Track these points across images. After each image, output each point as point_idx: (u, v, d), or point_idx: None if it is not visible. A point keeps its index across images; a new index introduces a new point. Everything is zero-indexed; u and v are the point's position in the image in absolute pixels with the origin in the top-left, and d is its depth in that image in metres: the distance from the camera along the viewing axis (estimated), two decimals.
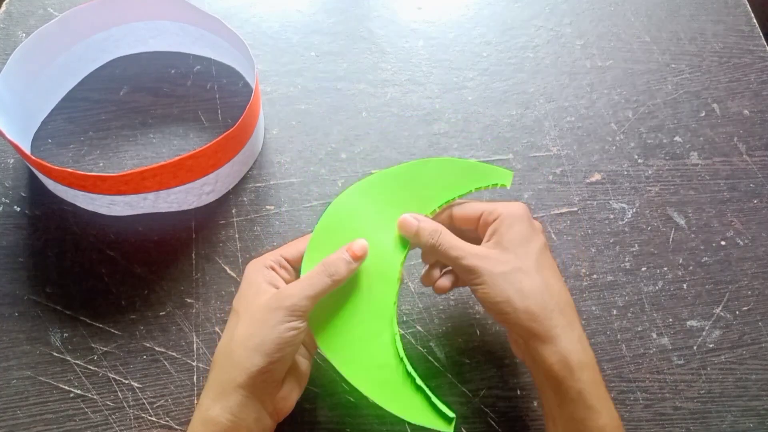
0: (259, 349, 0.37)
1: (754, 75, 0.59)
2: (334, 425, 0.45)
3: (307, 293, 0.38)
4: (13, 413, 0.44)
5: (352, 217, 0.42)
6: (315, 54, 0.57)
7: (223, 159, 0.47)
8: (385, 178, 0.42)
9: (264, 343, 0.37)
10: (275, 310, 0.37)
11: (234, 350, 0.37)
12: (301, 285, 0.38)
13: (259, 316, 0.37)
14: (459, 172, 0.43)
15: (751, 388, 0.48)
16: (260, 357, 0.37)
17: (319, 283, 0.39)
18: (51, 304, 0.47)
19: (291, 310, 0.37)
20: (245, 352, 0.37)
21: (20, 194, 0.50)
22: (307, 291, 0.38)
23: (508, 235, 0.39)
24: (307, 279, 0.39)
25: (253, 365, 0.36)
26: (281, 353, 0.37)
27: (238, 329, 0.38)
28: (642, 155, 0.55)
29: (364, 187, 0.42)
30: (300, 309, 0.38)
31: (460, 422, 0.46)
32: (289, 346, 0.37)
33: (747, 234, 0.53)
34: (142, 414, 0.45)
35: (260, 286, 0.39)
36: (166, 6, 0.51)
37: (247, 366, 0.36)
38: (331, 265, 0.39)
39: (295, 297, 0.38)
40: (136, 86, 0.55)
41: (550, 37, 0.60)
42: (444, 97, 0.56)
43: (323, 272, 0.39)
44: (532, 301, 0.37)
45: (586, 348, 0.38)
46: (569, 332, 0.37)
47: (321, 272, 0.39)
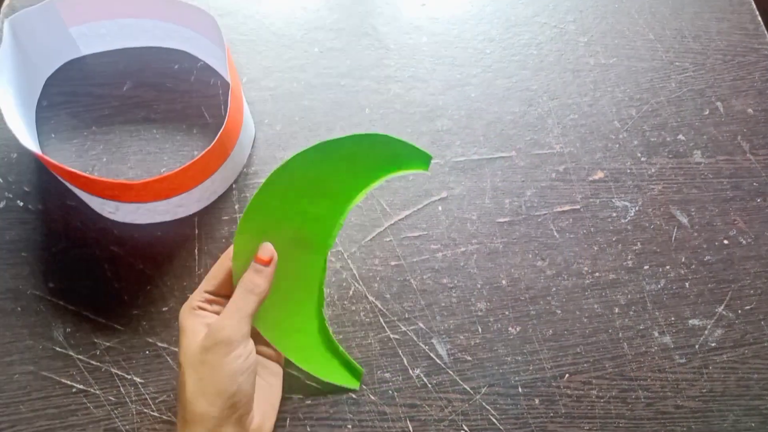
0: (213, 391, 0.36)
1: (758, 73, 0.59)
2: (335, 421, 0.45)
3: (238, 317, 0.38)
4: (16, 408, 0.45)
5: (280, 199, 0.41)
6: (318, 50, 0.57)
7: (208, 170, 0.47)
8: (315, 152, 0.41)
9: (216, 383, 0.36)
10: (213, 348, 0.37)
11: (191, 401, 0.36)
12: (229, 312, 0.38)
13: (199, 359, 0.37)
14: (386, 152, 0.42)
15: (753, 387, 0.48)
16: (218, 397, 0.36)
17: (246, 302, 0.38)
18: (54, 299, 0.47)
19: (228, 341, 0.37)
20: (203, 399, 0.36)
21: (23, 189, 0.51)
22: (237, 315, 0.38)
23: None
24: (233, 304, 0.38)
25: (215, 407, 0.36)
26: (237, 385, 0.37)
27: (187, 381, 0.37)
28: (645, 153, 0.55)
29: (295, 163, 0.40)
30: (238, 334, 0.37)
31: (461, 419, 0.46)
32: (242, 375, 0.37)
33: (750, 233, 0.53)
34: (145, 409, 0.45)
35: (194, 330, 0.38)
36: (155, 4, 0.51)
37: (210, 411, 0.36)
38: (249, 282, 0.39)
39: (228, 327, 0.37)
40: (140, 81, 0.55)
41: (554, 34, 0.59)
42: (447, 93, 0.56)
43: (245, 291, 0.39)
44: None
45: None
46: None
47: (242, 292, 0.39)
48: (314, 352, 0.45)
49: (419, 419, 0.46)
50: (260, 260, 0.40)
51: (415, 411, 0.46)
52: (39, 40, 0.51)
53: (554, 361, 0.48)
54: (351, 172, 0.42)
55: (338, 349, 0.46)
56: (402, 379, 0.47)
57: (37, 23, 0.49)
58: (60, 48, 0.53)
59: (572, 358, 0.48)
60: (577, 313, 0.49)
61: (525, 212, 0.52)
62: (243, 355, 0.37)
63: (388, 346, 0.48)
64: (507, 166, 0.54)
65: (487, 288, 0.49)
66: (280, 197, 0.41)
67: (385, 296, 0.49)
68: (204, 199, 0.50)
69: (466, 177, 0.53)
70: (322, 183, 0.42)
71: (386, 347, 0.48)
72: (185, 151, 0.52)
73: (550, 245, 0.51)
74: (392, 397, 0.46)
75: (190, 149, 0.52)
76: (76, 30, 0.52)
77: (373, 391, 0.46)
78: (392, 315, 0.48)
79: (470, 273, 0.50)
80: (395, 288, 0.49)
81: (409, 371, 0.47)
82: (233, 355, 0.37)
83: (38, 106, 0.54)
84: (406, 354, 0.47)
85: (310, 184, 0.41)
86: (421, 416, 0.46)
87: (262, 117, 0.54)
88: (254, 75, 0.56)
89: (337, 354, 0.46)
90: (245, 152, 0.52)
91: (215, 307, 0.40)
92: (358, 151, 0.41)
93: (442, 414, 0.46)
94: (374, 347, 0.48)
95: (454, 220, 0.51)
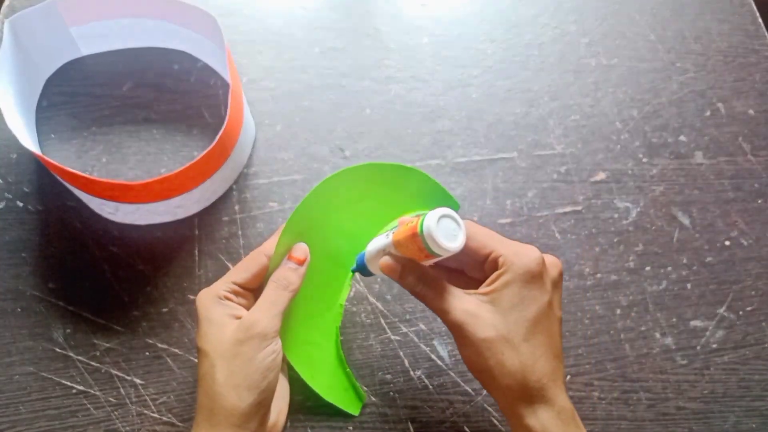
0: (244, 384, 0.36)
1: (759, 74, 0.59)
2: (335, 422, 0.45)
3: (273, 313, 0.37)
4: (16, 409, 0.44)
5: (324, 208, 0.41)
6: (319, 50, 0.57)
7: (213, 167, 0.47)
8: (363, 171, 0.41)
9: (248, 377, 0.36)
10: (247, 341, 0.36)
11: (219, 393, 0.36)
12: (264, 306, 0.38)
13: (232, 351, 0.36)
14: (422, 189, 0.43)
15: (754, 388, 0.48)
16: (248, 392, 0.36)
17: (280, 298, 0.38)
18: (54, 300, 0.47)
19: (263, 335, 0.36)
20: (234, 392, 0.36)
21: (23, 190, 0.50)
22: (272, 310, 0.38)
23: (506, 292, 0.35)
24: (267, 299, 0.38)
25: (244, 402, 0.36)
26: (267, 381, 0.36)
27: (216, 371, 0.36)
28: (647, 154, 0.55)
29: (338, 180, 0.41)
30: (272, 330, 0.37)
31: (462, 421, 0.46)
32: (272, 371, 0.37)
33: (751, 234, 0.53)
34: (145, 410, 0.45)
35: (221, 321, 0.38)
36: (155, 4, 0.51)
37: (239, 406, 0.35)
38: (283, 279, 0.39)
39: (263, 321, 0.37)
40: (140, 82, 0.54)
41: (555, 35, 0.59)
42: (448, 94, 0.56)
43: (278, 287, 0.39)
44: (512, 379, 0.35)
45: (568, 420, 0.36)
46: (549, 408, 0.35)
47: (276, 287, 0.39)
48: (322, 368, 0.44)
49: (420, 421, 0.46)
50: (295, 259, 0.40)
51: (416, 413, 0.46)
52: (39, 41, 0.51)
53: None
54: (389, 199, 0.42)
55: (346, 369, 0.45)
56: (403, 381, 0.47)
57: (37, 23, 0.49)
58: (60, 48, 0.53)
59: (574, 359, 0.48)
60: (579, 315, 0.49)
61: (526, 213, 0.52)
62: (275, 352, 0.37)
63: (389, 347, 0.48)
64: (508, 167, 0.54)
65: None
66: (324, 206, 0.41)
67: (386, 297, 0.49)
68: (204, 200, 0.50)
69: (467, 178, 0.53)
70: (362, 202, 0.42)
71: (387, 349, 0.47)
72: (185, 152, 0.52)
73: (551, 246, 0.51)
74: (393, 399, 0.46)
75: (190, 150, 0.52)
76: (76, 30, 0.52)
77: (375, 392, 0.46)
78: (393, 316, 0.48)
79: None
80: (396, 289, 0.49)
81: (410, 373, 0.47)
82: (267, 351, 0.37)
83: (38, 106, 0.53)
84: (408, 355, 0.47)
85: (352, 200, 0.42)
86: (423, 418, 0.46)
87: (262, 117, 0.54)
88: (254, 75, 0.56)
89: (345, 375, 0.45)
90: (245, 153, 0.52)
91: (241, 300, 0.39)
92: (400, 181, 0.42)
93: (443, 416, 0.46)
94: (375, 348, 0.47)
95: None
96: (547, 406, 0.35)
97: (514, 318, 0.35)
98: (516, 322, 0.35)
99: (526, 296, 0.35)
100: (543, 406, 0.35)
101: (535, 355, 0.35)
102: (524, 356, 0.35)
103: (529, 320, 0.35)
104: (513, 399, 0.35)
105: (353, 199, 0.42)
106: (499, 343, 0.35)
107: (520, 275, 0.35)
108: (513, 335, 0.35)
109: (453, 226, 0.35)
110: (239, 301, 0.39)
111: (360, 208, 0.42)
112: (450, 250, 0.34)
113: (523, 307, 0.35)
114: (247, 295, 0.40)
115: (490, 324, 0.35)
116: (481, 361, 0.35)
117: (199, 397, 0.37)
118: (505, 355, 0.35)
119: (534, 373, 0.35)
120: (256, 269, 0.40)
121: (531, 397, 0.35)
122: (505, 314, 0.35)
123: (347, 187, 0.41)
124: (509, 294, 0.35)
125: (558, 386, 0.36)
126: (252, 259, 0.40)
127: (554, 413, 0.35)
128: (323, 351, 0.44)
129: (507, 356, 0.35)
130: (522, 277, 0.35)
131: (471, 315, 0.35)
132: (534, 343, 0.35)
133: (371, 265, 0.40)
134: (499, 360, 0.35)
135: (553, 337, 0.37)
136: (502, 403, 0.37)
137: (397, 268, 0.38)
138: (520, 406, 0.35)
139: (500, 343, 0.35)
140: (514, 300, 0.35)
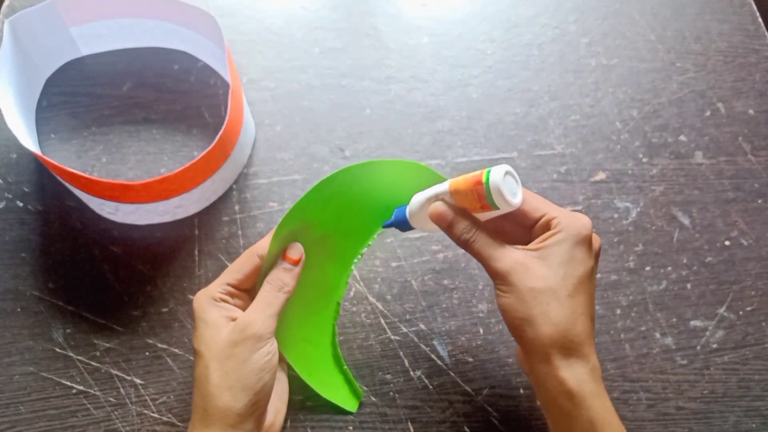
0: (239, 385, 0.36)
1: (759, 74, 0.59)
2: (335, 423, 0.45)
3: (267, 314, 0.38)
4: (16, 409, 0.44)
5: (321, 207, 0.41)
6: (319, 50, 0.57)
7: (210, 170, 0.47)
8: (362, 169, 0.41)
9: (242, 378, 0.36)
10: (241, 343, 0.36)
11: (214, 393, 0.36)
12: (258, 308, 0.38)
13: (226, 353, 0.37)
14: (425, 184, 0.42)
15: (754, 388, 0.48)
16: (243, 393, 0.36)
17: (275, 299, 0.38)
18: (54, 300, 0.47)
19: (257, 336, 0.37)
20: (228, 393, 0.36)
21: (23, 189, 0.50)
22: (267, 311, 0.38)
23: (557, 249, 0.36)
24: (262, 300, 0.38)
25: (239, 402, 0.36)
26: (262, 382, 0.37)
27: (210, 372, 0.36)
28: (647, 154, 0.55)
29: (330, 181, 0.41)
30: (267, 331, 0.37)
31: (462, 421, 0.46)
32: (267, 372, 0.37)
33: (751, 234, 0.53)
34: (145, 410, 0.45)
35: (217, 322, 0.38)
36: (155, 4, 0.51)
37: (234, 406, 0.36)
38: (278, 280, 0.39)
39: (258, 322, 0.37)
40: (139, 82, 0.54)
41: (555, 34, 0.59)
42: (448, 94, 0.56)
43: (273, 288, 0.39)
44: (554, 329, 0.35)
45: (598, 378, 0.36)
46: (584, 363, 0.36)
47: (271, 289, 0.39)
48: (320, 365, 0.45)
49: (420, 421, 0.46)
50: (290, 259, 0.40)
51: (416, 413, 0.46)
52: (39, 41, 0.51)
53: None
54: (389, 195, 0.42)
55: (344, 366, 0.45)
56: (403, 381, 0.47)
57: (37, 23, 0.49)
58: (60, 48, 0.53)
59: None
60: None
61: None
62: (271, 353, 0.37)
63: (389, 347, 0.48)
64: None
65: (488, 289, 0.49)
66: (321, 205, 0.41)
67: (386, 297, 0.49)
68: (204, 200, 0.50)
69: None
70: (362, 199, 0.42)
71: (387, 349, 0.47)
72: (185, 152, 0.52)
73: None
74: (393, 399, 0.46)
75: (190, 150, 0.52)
76: (76, 30, 0.52)
77: (374, 392, 0.46)
78: (393, 316, 0.48)
79: (471, 274, 0.50)
80: (396, 289, 0.49)
81: (410, 373, 0.47)
82: (262, 352, 0.37)
83: (38, 106, 0.53)
84: (408, 355, 0.47)
85: (351, 198, 0.42)
86: (423, 418, 0.46)
87: (262, 117, 0.54)
88: (254, 75, 0.56)
89: (342, 372, 0.45)
90: (245, 153, 0.52)
91: (236, 301, 0.40)
92: (401, 176, 0.42)
93: (443, 416, 0.46)
94: (375, 348, 0.47)
95: None
96: (583, 361, 0.36)
97: (563, 273, 0.36)
98: (564, 278, 0.36)
99: (575, 256, 0.36)
100: (579, 361, 0.36)
101: (577, 311, 0.36)
102: (568, 310, 0.36)
103: (576, 278, 0.36)
104: (550, 349, 0.36)
105: (352, 197, 0.42)
106: (546, 294, 0.35)
107: (572, 236, 0.36)
108: (560, 289, 0.36)
109: (513, 183, 0.36)
110: (235, 302, 0.40)
111: (360, 205, 0.42)
112: (512, 204, 0.35)
113: (572, 265, 0.36)
114: (243, 296, 0.40)
115: (540, 275, 0.36)
116: (524, 309, 0.36)
117: (195, 398, 0.37)
118: (551, 306, 0.35)
119: (575, 327, 0.36)
120: (249, 269, 0.40)
121: (568, 351, 0.36)
122: (554, 269, 0.36)
123: (346, 185, 0.41)
124: (560, 251, 0.36)
125: (592, 345, 0.37)
126: (245, 259, 0.40)
127: (588, 369, 0.36)
128: (320, 349, 0.44)
129: (552, 307, 0.35)
130: (574, 238, 0.36)
131: (521, 264, 0.36)
132: (578, 301, 0.36)
133: (414, 217, 0.39)
134: (544, 310, 0.35)
135: (592, 300, 0.38)
136: (537, 352, 0.36)
137: (448, 215, 0.38)
138: (557, 357, 0.36)
139: (548, 294, 0.35)
140: (564, 257, 0.36)
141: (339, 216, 0.42)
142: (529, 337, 0.36)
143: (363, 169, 0.41)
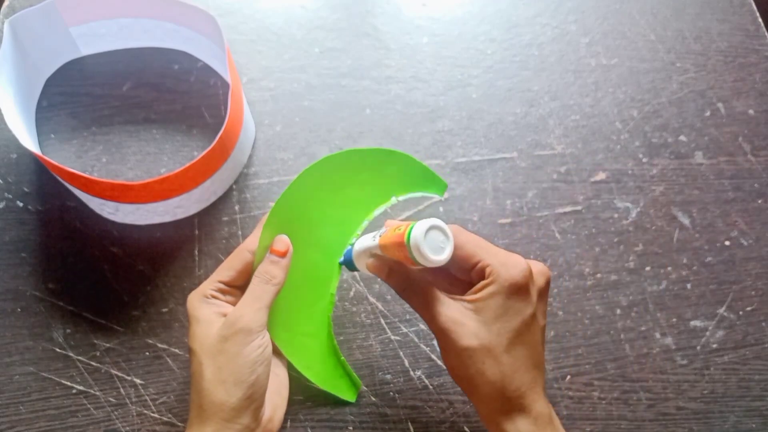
0: (231, 380, 0.36)
1: (759, 74, 0.59)
2: (335, 423, 0.45)
3: (256, 307, 0.38)
4: (16, 409, 0.44)
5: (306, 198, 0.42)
6: (318, 50, 0.57)
7: (213, 168, 0.47)
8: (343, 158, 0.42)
9: (234, 372, 0.36)
10: (232, 337, 0.37)
11: (209, 390, 0.36)
12: (247, 302, 0.38)
13: (218, 348, 0.37)
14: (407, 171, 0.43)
15: (754, 388, 0.48)
16: (236, 387, 0.36)
17: (264, 293, 0.39)
18: (54, 300, 0.47)
19: (247, 330, 0.37)
20: (221, 387, 0.36)
21: (23, 189, 0.50)
22: (256, 305, 0.38)
23: (491, 303, 0.36)
24: (251, 294, 0.39)
25: (232, 396, 0.36)
26: (255, 375, 0.37)
27: (203, 368, 0.37)
28: (647, 154, 0.55)
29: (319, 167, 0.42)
30: (257, 324, 0.37)
31: (462, 421, 0.46)
32: (260, 365, 0.37)
33: (751, 234, 0.53)
34: (145, 410, 0.45)
35: (208, 319, 0.38)
36: (155, 4, 0.51)
37: (228, 401, 0.36)
38: (265, 273, 0.39)
39: (247, 315, 0.37)
40: (139, 82, 0.54)
41: (555, 34, 0.59)
42: (448, 94, 0.56)
43: (261, 281, 0.39)
44: (491, 388, 0.35)
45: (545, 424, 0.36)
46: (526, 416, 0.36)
47: (259, 282, 0.39)
48: (316, 357, 0.45)
49: (420, 421, 0.46)
50: (276, 252, 0.40)
51: (416, 413, 0.46)
52: (39, 41, 0.51)
53: (556, 362, 0.48)
54: (373, 185, 0.43)
55: (341, 357, 0.45)
56: (403, 381, 0.47)
57: (37, 23, 0.49)
58: (60, 48, 0.53)
59: (574, 359, 0.48)
60: (579, 315, 0.49)
61: (526, 213, 0.52)
62: (262, 346, 0.37)
63: (389, 347, 0.48)
64: (508, 167, 0.54)
65: None
66: (306, 196, 0.41)
67: (386, 297, 0.49)
68: (204, 200, 0.50)
69: (467, 178, 0.53)
70: (346, 189, 0.42)
71: (387, 349, 0.47)
72: (185, 152, 0.52)
73: (551, 246, 0.51)
74: (393, 399, 0.46)
75: (190, 150, 0.52)
76: (76, 30, 0.52)
77: (374, 392, 0.46)
78: (393, 316, 0.48)
79: None
80: None
81: (410, 373, 0.47)
82: (253, 345, 0.37)
83: (38, 106, 0.53)
84: (408, 355, 0.47)
85: (336, 188, 0.42)
86: (423, 418, 0.46)
87: (262, 117, 0.54)
88: (254, 75, 0.56)
89: (339, 363, 0.45)
90: (245, 153, 0.52)
91: (228, 297, 0.40)
92: (382, 165, 0.42)
93: (443, 416, 0.46)
94: (375, 348, 0.47)
95: (456, 222, 0.51)
96: (525, 414, 0.36)
97: (497, 329, 0.35)
98: (499, 333, 0.35)
99: (510, 308, 0.36)
100: (520, 415, 0.36)
101: (515, 366, 0.36)
102: (504, 367, 0.35)
103: (512, 332, 0.36)
104: (492, 407, 0.36)
105: (336, 187, 0.42)
106: (480, 353, 0.35)
107: (505, 287, 0.36)
108: (495, 346, 0.35)
109: (441, 237, 0.35)
110: (227, 299, 0.40)
111: (344, 195, 0.43)
112: (436, 263, 0.34)
113: (506, 318, 0.36)
114: (235, 293, 0.41)
115: (474, 333, 0.35)
116: (462, 369, 0.36)
117: (191, 395, 0.38)
118: (486, 365, 0.35)
119: (513, 383, 0.35)
120: (240, 266, 0.40)
121: (509, 406, 0.36)
122: (488, 324, 0.35)
123: (329, 175, 0.42)
124: (494, 305, 0.36)
125: (536, 393, 0.36)
126: (235, 256, 0.40)
127: (531, 420, 0.36)
128: (316, 340, 0.45)
129: (488, 366, 0.35)
130: (507, 289, 0.36)
131: (455, 323, 0.36)
132: (515, 355, 0.36)
133: (358, 263, 0.41)
134: (479, 369, 0.35)
135: (534, 347, 0.37)
136: (482, 410, 0.37)
137: (383, 270, 0.38)
138: (499, 414, 0.36)
139: (482, 353, 0.35)
140: (498, 311, 0.36)
141: (325, 206, 0.42)
142: (472, 397, 0.37)
143: (344, 158, 0.42)
